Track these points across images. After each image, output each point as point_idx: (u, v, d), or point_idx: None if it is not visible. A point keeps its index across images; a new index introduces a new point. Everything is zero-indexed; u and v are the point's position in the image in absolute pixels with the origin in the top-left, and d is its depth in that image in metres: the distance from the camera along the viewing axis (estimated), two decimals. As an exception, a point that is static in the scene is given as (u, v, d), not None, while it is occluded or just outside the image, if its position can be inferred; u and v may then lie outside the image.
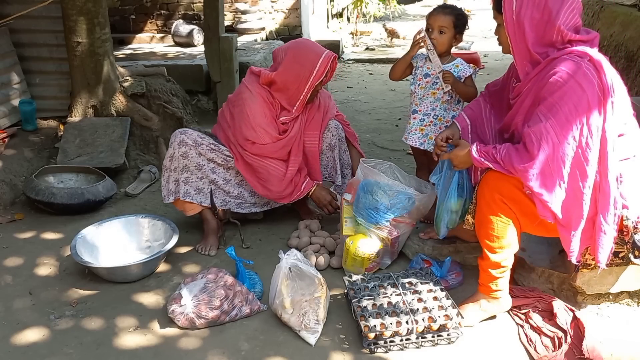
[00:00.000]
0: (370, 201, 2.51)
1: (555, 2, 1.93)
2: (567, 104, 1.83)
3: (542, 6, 1.93)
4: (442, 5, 2.74)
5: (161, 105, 4.07)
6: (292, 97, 2.72)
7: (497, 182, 2.01)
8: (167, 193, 2.75)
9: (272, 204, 2.94)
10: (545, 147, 1.84)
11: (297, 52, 2.70)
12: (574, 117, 1.83)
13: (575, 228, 1.90)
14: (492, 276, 2.11)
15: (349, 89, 6.51)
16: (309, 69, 2.65)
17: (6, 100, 3.86)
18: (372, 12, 10.73)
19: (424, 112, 2.76)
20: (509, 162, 1.92)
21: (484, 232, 2.08)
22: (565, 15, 1.93)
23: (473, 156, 2.02)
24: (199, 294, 2.18)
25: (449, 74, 2.64)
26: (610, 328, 2.16)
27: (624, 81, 1.96)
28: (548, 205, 1.87)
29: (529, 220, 2.02)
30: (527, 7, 1.94)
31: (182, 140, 2.68)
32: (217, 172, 2.78)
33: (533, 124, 1.89)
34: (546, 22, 1.94)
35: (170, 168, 2.71)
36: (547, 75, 1.90)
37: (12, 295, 2.42)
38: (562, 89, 1.84)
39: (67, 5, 3.58)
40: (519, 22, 1.97)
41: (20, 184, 3.36)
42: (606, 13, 4.83)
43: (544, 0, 1.93)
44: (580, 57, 1.88)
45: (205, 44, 5.02)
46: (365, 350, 2.04)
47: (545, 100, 1.88)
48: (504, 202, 2.00)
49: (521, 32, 1.98)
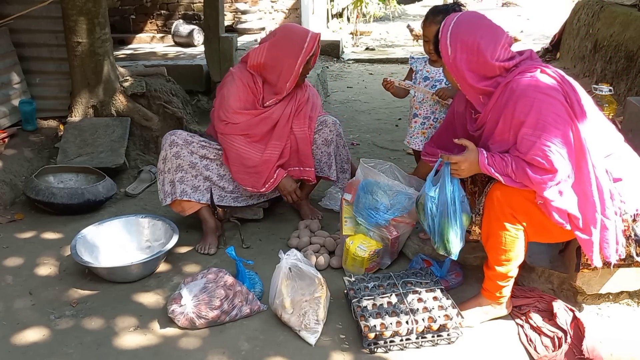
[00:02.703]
0: (370, 201, 2.51)
1: (489, 44, 1.96)
2: (549, 115, 1.84)
3: (475, 50, 1.97)
4: (434, 11, 2.66)
5: (161, 105, 4.07)
6: (284, 74, 2.71)
7: (507, 196, 1.96)
8: (163, 196, 2.75)
9: (269, 195, 2.94)
10: (556, 158, 1.82)
11: (286, 31, 2.75)
12: (561, 123, 1.84)
13: (595, 225, 1.88)
14: (498, 285, 2.12)
15: (349, 89, 6.51)
16: (299, 43, 2.68)
17: (6, 100, 3.86)
18: (372, 12, 10.74)
19: (424, 115, 2.76)
20: (523, 176, 1.88)
21: (492, 244, 2.06)
22: (499, 52, 1.97)
23: (482, 163, 1.95)
24: (199, 294, 2.18)
25: (442, 90, 2.63)
26: (610, 328, 2.16)
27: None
28: (565, 210, 1.87)
29: (538, 230, 2.01)
30: (462, 52, 1.98)
31: (173, 141, 2.70)
32: (210, 168, 2.78)
33: (527, 148, 1.86)
34: (483, 63, 1.98)
35: (164, 170, 2.73)
36: (510, 100, 1.91)
37: (12, 295, 2.42)
38: (535, 106, 1.85)
39: (67, 5, 3.58)
40: (456, 67, 2.01)
41: (20, 184, 3.36)
42: (606, 13, 4.83)
43: (476, 44, 1.96)
44: (532, 71, 1.92)
45: (205, 44, 5.02)
46: (365, 350, 2.04)
47: (523, 124, 1.88)
48: (514, 215, 1.98)
49: (461, 74, 2.02)
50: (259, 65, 2.73)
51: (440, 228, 2.09)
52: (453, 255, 2.13)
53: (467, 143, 2.03)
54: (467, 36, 1.98)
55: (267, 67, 2.72)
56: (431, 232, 2.14)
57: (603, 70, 4.45)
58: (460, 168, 2.01)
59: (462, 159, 2.00)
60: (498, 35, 2.00)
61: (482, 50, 1.96)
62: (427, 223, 2.13)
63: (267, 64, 2.71)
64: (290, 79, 2.72)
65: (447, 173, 2.04)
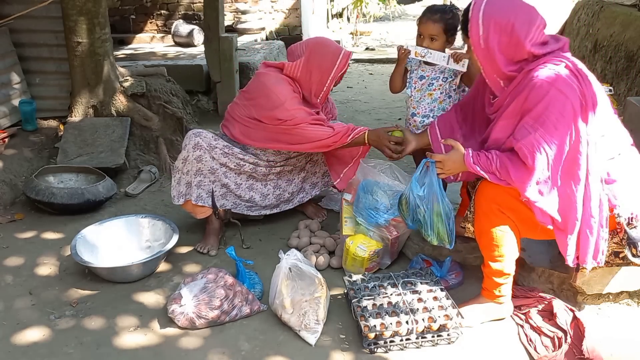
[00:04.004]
0: (370, 201, 2.51)
1: (523, 25, 1.91)
2: (553, 113, 1.83)
3: (509, 30, 1.91)
4: (431, 9, 2.63)
5: (161, 105, 4.07)
6: (315, 89, 2.71)
7: (493, 192, 2.01)
8: (177, 194, 2.71)
9: (282, 206, 2.96)
10: (540, 158, 1.84)
11: (319, 46, 2.73)
12: (562, 124, 1.83)
13: (571, 231, 1.91)
14: (496, 283, 2.13)
15: (349, 89, 6.51)
16: (332, 60, 2.67)
17: (6, 100, 3.86)
18: (372, 12, 10.73)
19: (423, 114, 2.75)
20: (506, 174, 1.91)
21: (484, 241, 2.09)
22: (533, 34, 1.93)
23: (468, 162, 1.99)
24: (199, 294, 2.18)
25: (457, 52, 2.55)
26: (610, 328, 2.16)
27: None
28: (546, 212, 1.89)
29: (527, 226, 2.03)
30: (495, 32, 1.92)
31: (197, 144, 2.63)
32: (229, 176, 2.75)
33: (521, 136, 1.88)
34: (515, 45, 1.93)
35: (183, 170, 2.67)
36: (526, 87, 1.89)
37: (13, 295, 2.42)
38: (545, 99, 1.84)
39: (67, 5, 3.58)
40: (487, 47, 1.95)
41: (20, 184, 3.36)
42: (606, 13, 4.83)
43: (510, 24, 1.91)
44: (557, 64, 1.89)
45: (205, 44, 5.02)
46: (365, 350, 2.04)
47: (529, 112, 1.88)
48: (502, 211, 2.01)
49: (490, 56, 1.96)
50: (295, 79, 2.71)
51: (432, 223, 2.19)
52: (448, 244, 2.23)
53: (453, 143, 2.11)
54: (501, 16, 1.92)
55: (301, 81, 2.71)
56: (423, 226, 2.23)
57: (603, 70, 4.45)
58: (445, 167, 2.10)
59: (446, 158, 2.10)
60: (532, 16, 1.94)
61: (517, 31, 1.90)
62: (411, 218, 2.24)
63: (302, 78, 2.70)
64: (321, 95, 2.73)
65: (434, 171, 2.14)
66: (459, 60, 2.54)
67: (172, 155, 3.82)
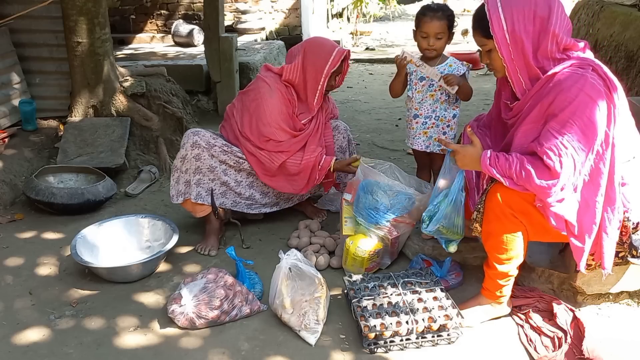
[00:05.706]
0: (370, 201, 2.51)
1: (544, 9, 1.87)
2: (581, 118, 1.79)
3: (532, 17, 1.88)
4: (431, 8, 2.63)
5: (161, 105, 4.07)
6: (311, 87, 2.72)
7: (507, 196, 1.95)
8: (176, 193, 2.72)
9: (282, 204, 2.96)
10: (567, 163, 1.79)
11: (313, 45, 2.75)
12: (590, 130, 1.79)
13: (589, 237, 1.88)
14: (498, 284, 2.12)
15: (349, 89, 6.51)
16: (325, 58, 2.68)
17: (6, 100, 3.86)
18: (372, 12, 10.73)
19: (425, 115, 2.76)
20: (527, 180, 1.84)
21: (493, 243, 2.06)
22: (558, 18, 1.88)
23: (484, 163, 1.93)
24: (199, 294, 2.18)
25: (451, 76, 2.61)
26: (610, 328, 2.16)
27: (623, 81, 1.96)
28: (562, 217, 1.86)
29: (537, 231, 2.01)
30: (520, 22, 1.88)
31: (195, 142, 2.64)
32: (228, 173, 2.75)
33: (546, 140, 1.82)
34: (539, 32, 1.89)
35: (182, 169, 2.68)
36: (552, 90, 1.85)
37: (12, 295, 2.42)
38: (573, 104, 1.79)
39: (67, 5, 3.58)
40: (515, 39, 1.90)
41: (20, 184, 3.36)
42: (606, 13, 4.83)
43: (532, 12, 1.87)
44: (582, 68, 1.85)
45: (205, 44, 5.02)
46: (365, 350, 2.04)
47: (555, 117, 1.82)
48: (515, 215, 1.97)
49: (519, 48, 1.91)
50: (292, 82, 2.73)
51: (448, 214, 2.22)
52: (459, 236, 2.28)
53: (474, 138, 2.05)
54: (521, 5, 1.89)
55: (297, 82, 2.73)
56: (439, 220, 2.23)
57: (603, 70, 4.45)
58: (458, 158, 2.06)
59: (461, 149, 2.05)
60: (551, 3, 1.90)
61: (540, 16, 1.86)
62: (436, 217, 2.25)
63: (298, 79, 2.72)
64: (316, 95, 2.73)
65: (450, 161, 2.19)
66: (451, 84, 2.58)
67: (172, 155, 3.82)
